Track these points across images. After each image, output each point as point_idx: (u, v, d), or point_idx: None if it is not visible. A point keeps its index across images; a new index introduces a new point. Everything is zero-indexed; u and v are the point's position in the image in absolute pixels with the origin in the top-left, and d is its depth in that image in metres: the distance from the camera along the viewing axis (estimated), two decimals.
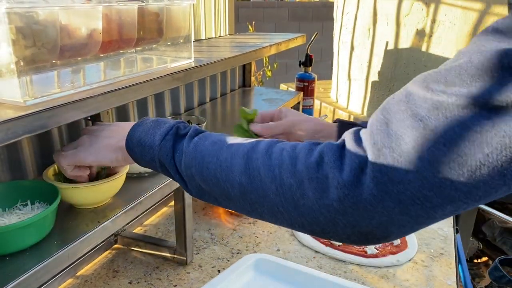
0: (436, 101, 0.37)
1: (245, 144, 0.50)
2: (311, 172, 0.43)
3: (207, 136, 0.54)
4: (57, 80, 0.65)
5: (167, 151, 0.54)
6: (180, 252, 0.97)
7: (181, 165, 0.53)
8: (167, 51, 0.91)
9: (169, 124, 0.56)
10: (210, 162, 0.50)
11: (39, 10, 0.55)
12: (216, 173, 0.49)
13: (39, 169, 0.84)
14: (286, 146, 0.47)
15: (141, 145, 0.56)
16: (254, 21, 4.08)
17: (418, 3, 1.78)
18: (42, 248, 0.63)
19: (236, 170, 0.48)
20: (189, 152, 0.52)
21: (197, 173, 0.51)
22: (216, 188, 0.50)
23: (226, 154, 0.50)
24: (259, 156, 0.47)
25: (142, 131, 0.56)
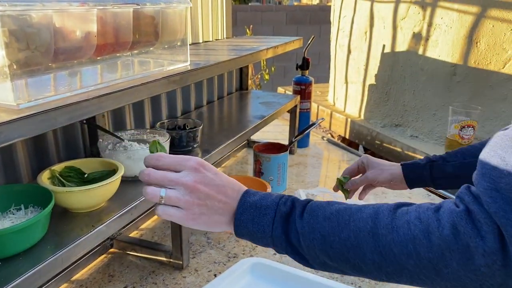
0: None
1: (363, 218, 0.50)
2: (450, 244, 0.44)
3: (316, 210, 0.53)
4: (51, 83, 0.65)
5: (280, 239, 0.54)
6: (176, 256, 0.97)
7: (301, 246, 0.53)
8: (163, 54, 0.91)
9: (270, 209, 0.54)
10: (333, 242, 0.50)
11: (32, 12, 0.55)
12: (343, 252, 0.50)
13: (33, 173, 0.84)
14: (410, 217, 0.48)
15: (250, 234, 0.55)
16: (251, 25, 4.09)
17: (414, 6, 1.78)
18: (35, 253, 0.62)
19: (365, 249, 0.49)
20: (306, 234, 0.52)
21: (321, 253, 0.52)
22: (345, 264, 0.51)
23: (347, 232, 0.50)
24: (385, 232, 0.48)
25: (248, 220, 0.55)
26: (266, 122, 1.35)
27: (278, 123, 2.14)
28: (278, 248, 0.55)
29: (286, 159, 1.35)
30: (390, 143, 1.91)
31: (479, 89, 1.64)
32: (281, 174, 1.35)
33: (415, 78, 1.83)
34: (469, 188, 0.46)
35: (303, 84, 1.68)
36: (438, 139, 1.79)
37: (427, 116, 1.81)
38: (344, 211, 0.52)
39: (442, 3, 1.68)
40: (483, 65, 1.60)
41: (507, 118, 1.61)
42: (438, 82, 1.74)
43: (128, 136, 0.94)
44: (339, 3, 2.36)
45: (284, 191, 1.38)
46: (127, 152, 0.84)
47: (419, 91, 1.82)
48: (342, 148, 1.81)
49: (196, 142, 1.03)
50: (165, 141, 0.90)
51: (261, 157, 1.33)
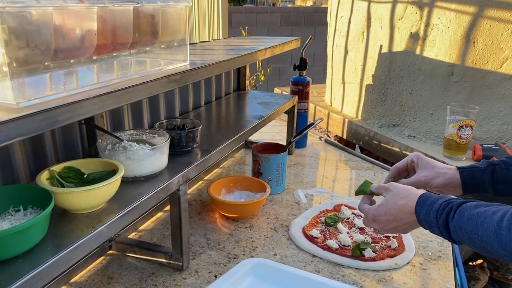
0: None
1: (492, 220, 0.64)
2: None
3: (463, 211, 0.70)
4: (50, 82, 0.64)
5: (443, 227, 0.72)
6: (176, 257, 0.96)
7: (456, 236, 0.70)
8: (162, 54, 0.90)
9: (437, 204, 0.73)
10: (474, 238, 0.67)
11: (32, 10, 0.54)
12: (481, 245, 0.66)
13: (32, 173, 0.82)
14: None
15: (426, 221, 0.75)
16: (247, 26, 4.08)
17: (411, 6, 1.79)
18: (35, 255, 0.61)
19: (494, 245, 0.64)
20: (456, 230, 0.69)
21: (470, 244, 0.68)
22: (488, 254, 0.67)
23: (482, 231, 0.65)
24: (505, 233, 0.62)
25: (425, 213, 0.75)
26: (265, 122, 1.34)
27: (275, 124, 2.13)
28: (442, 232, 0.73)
29: (284, 159, 1.35)
30: (387, 143, 1.91)
31: (476, 88, 1.64)
32: (280, 174, 1.34)
33: (412, 78, 1.83)
34: None
35: (300, 85, 1.68)
36: (436, 139, 1.79)
37: (425, 116, 1.82)
38: (482, 213, 0.67)
39: (439, 3, 1.68)
40: (480, 65, 1.61)
41: (504, 118, 1.61)
42: (436, 82, 1.74)
43: (127, 137, 0.93)
44: (336, 4, 2.36)
45: (283, 191, 1.37)
46: (126, 153, 0.83)
47: (416, 91, 1.83)
48: (340, 148, 1.81)
49: (195, 142, 1.03)
50: (165, 141, 0.89)
51: (260, 157, 1.33)
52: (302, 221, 1.16)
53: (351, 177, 1.52)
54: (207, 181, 1.48)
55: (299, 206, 1.28)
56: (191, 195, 1.35)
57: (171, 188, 0.87)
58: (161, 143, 0.88)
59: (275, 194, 1.35)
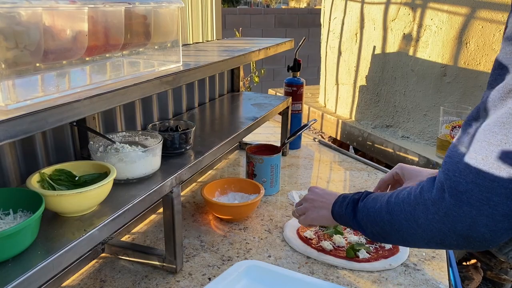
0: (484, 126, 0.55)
1: (387, 194, 0.71)
2: (418, 199, 0.62)
3: (368, 198, 0.77)
4: (41, 84, 0.63)
5: (350, 215, 0.80)
6: (169, 260, 0.95)
7: (359, 221, 0.77)
8: (154, 55, 0.89)
9: (349, 197, 0.83)
10: (371, 213, 0.73)
11: (21, 10, 0.53)
12: (375, 216, 0.72)
13: (22, 176, 0.81)
14: (412, 187, 0.66)
15: (338, 215, 0.85)
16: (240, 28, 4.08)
17: (404, 8, 1.79)
18: (25, 259, 0.60)
19: (383, 212, 0.70)
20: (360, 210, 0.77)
21: (369, 222, 0.74)
22: (376, 227, 0.72)
23: (378, 204, 0.72)
24: (392, 199, 0.68)
25: (337, 207, 0.85)
26: (259, 123, 1.34)
27: (269, 125, 2.13)
28: (349, 223, 0.81)
29: (279, 161, 1.34)
30: (381, 144, 1.91)
31: (469, 89, 1.65)
32: (274, 175, 1.34)
33: (405, 79, 1.83)
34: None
35: (294, 86, 1.68)
36: (429, 139, 1.80)
37: (418, 117, 1.82)
38: (387, 193, 0.72)
39: (432, 4, 1.69)
40: (472, 66, 1.61)
41: None
42: (429, 83, 1.75)
43: (119, 138, 0.92)
44: (329, 5, 2.36)
45: (277, 192, 1.37)
46: (119, 155, 0.82)
47: (409, 92, 1.83)
48: (334, 149, 1.81)
49: (188, 144, 1.02)
50: (157, 143, 0.88)
51: (254, 158, 1.32)
52: (296, 223, 1.15)
53: (345, 178, 1.52)
54: (201, 182, 1.47)
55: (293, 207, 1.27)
56: (185, 197, 1.34)
57: (164, 190, 0.86)
58: (154, 145, 0.87)
59: (269, 195, 1.35)
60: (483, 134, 0.53)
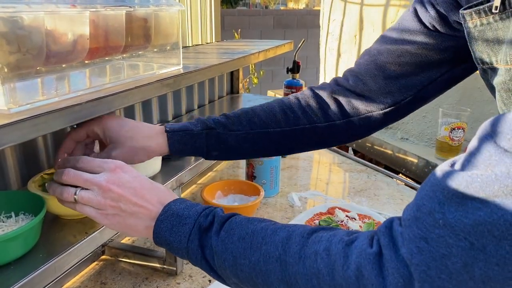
0: (478, 217, 0.34)
1: (275, 242, 0.48)
2: (349, 282, 0.41)
3: (234, 228, 0.51)
4: (42, 87, 0.63)
5: (195, 253, 0.52)
6: (169, 262, 0.95)
7: (215, 264, 0.51)
8: (154, 57, 0.90)
9: (190, 219, 0.53)
10: (243, 264, 0.49)
11: (23, 15, 0.54)
12: (252, 276, 0.48)
13: (24, 179, 0.82)
14: (319, 248, 0.45)
15: (168, 244, 0.54)
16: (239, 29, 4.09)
17: (403, 10, 1.80)
18: (27, 262, 0.60)
19: (273, 277, 0.47)
20: (219, 253, 0.50)
21: (232, 274, 0.50)
22: (249, 286, 0.50)
23: (257, 255, 0.48)
24: (292, 261, 0.46)
25: (166, 230, 0.53)
26: None
27: None
28: (193, 262, 0.53)
29: (278, 162, 1.35)
30: (380, 146, 1.91)
31: (467, 91, 1.66)
32: (273, 177, 1.34)
33: None
34: (391, 228, 0.41)
35: (294, 87, 1.68)
36: (428, 141, 1.80)
37: (417, 118, 1.83)
38: (260, 232, 0.50)
39: None
40: None
41: None
42: None
43: None
44: (328, 7, 2.37)
45: (277, 194, 1.37)
46: None
47: None
48: (333, 151, 1.81)
49: None
50: None
51: (254, 160, 1.33)
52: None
53: (345, 179, 1.53)
54: (201, 184, 1.47)
55: (293, 209, 1.28)
56: None
57: None
58: None
59: (269, 197, 1.35)
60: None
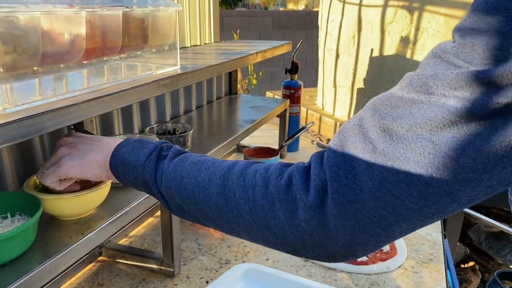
0: (383, 124, 0.39)
1: (222, 165, 0.52)
2: (281, 194, 0.45)
3: (187, 157, 0.55)
4: (38, 88, 0.63)
5: (150, 171, 0.55)
6: (167, 263, 0.95)
7: (162, 185, 0.54)
8: (152, 58, 0.90)
9: (152, 144, 0.57)
10: (188, 183, 0.52)
11: (19, 14, 0.53)
12: (194, 193, 0.51)
13: (20, 180, 0.81)
14: (259, 168, 0.49)
15: (125, 164, 0.57)
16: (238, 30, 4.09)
17: (401, 10, 1.80)
18: (23, 262, 0.60)
19: (212, 191, 0.50)
20: (169, 173, 0.54)
21: (176, 193, 0.53)
22: (195, 208, 0.52)
23: (204, 175, 0.51)
24: (234, 177, 0.49)
25: (126, 151, 0.57)
26: (256, 126, 1.34)
27: (267, 128, 2.13)
28: (146, 180, 0.55)
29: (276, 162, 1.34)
30: None
31: None
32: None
33: None
34: (323, 152, 0.46)
35: (292, 88, 1.68)
36: None
37: None
38: (211, 160, 0.54)
39: (429, 7, 1.70)
40: None
41: None
42: None
43: None
44: (327, 8, 2.37)
45: None
46: None
47: None
48: None
49: (186, 147, 1.02)
50: None
51: None
52: None
53: None
54: None
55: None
56: None
57: None
58: None
59: None
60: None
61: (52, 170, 0.60)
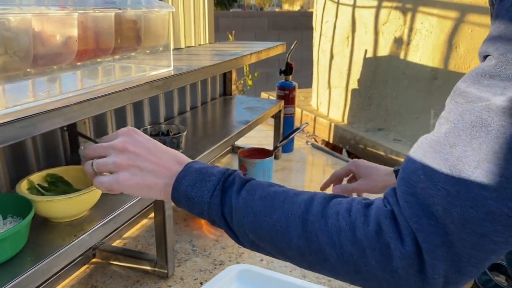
0: (449, 166, 0.39)
1: (297, 202, 0.49)
2: (372, 242, 0.43)
3: (255, 188, 0.53)
4: (31, 89, 0.63)
5: (216, 208, 0.52)
6: (161, 265, 0.95)
7: (232, 221, 0.52)
8: (145, 59, 0.90)
9: (214, 176, 0.53)
10: (263, 221, 0.50)
11: (10, 16, 0.53)
12: (271, 233, 0.49)
13: (12, 182, 0.81)
14: (340, 209, 0.47)
15: (188, 199, 0.54)
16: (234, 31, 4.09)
17: (395, 12, 1.81)
18: (15, 264, 0.60)
19: (292, 233, 0.48)
20: (239, 209, 0.51)
21: (250, 231, 0.51)
22: (272, 246, 0.50)
23: (279, 213, 0.49)
24: (314, 219, 0.47)
25: (188, 185, 0.53)
26: (251, 127, 1.34)
27: (262, 128, 2.13)
28: (213, 217, 0.53)
29: (271, 164, 1.35)
30: (373, 147, 1.92)
31: None
32: (266, 179, 1.34)
33: (397, 82, 1.85)
34: (394, 190, 0.45)
35: (286, 89, 1.69)
36: None
37: (410, 120, 1.84)
38: (281, 193, 0.51)
39: (422, 8, 1.71)
40: (462, 69, 1.63)
41: None
42: (420, 86, 1.77)
43: None
44: (321, 9, 2.38)
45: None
46: None
47: (401, 95, 1.85)
48: (326, 152, 1.81)
49: (180, 148, 1.02)
50: None
51: (246, 162, 1.32)
52: None
53: None
54: None
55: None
56: None
57: None
58: None
59: None
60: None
61: (109, 182, 0.55)
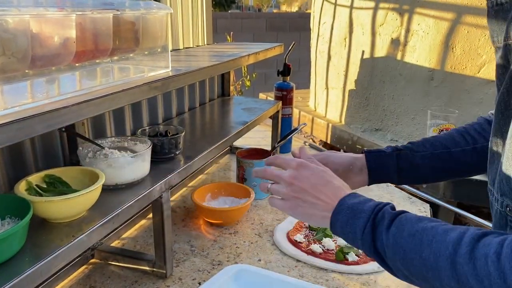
0: None
1: (445, 242, 0.51)
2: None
3: (403, 224, 0.55)
4: (28, 90, 0.63)
5: (368, 244, 0.57)
6: (159, 265, 0.95)
7: (386, 256, 0.56)
8: (143, 60, 0.90)
9: (365, 214, 0.58)
10: (413, 259, 0.53)
11: (8, 18, 0.54)
12: (422, 271, 0.52)
13: (10, 182, 0.81)
14: (489, 252, 0.47)
15: (343, 234, 0.61)
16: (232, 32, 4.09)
17: (392, 13, 1.82)
18: (13, 265, 0.60)
19: (443, 273, 0.50)
20: (390, 246, 0.55)
21: (403, 267, 0.54)
22: (425, 283, 0.54)
23: (427, 252, 0.52)
24: (463, 261, 0.48)
25: (342, 222, 0.60)
26: (249, 128, 1.35)
27: (260, 129, 2.14)
28: (366, 252, 0.59)
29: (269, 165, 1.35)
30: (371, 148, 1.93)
31: (455, 93, 1.68)
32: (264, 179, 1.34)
33: (394, 83, 1.86)
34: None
35: (284, 90, 1.69)
36: None
37: (406, 120, 1.84)
38: (430, 230, 0.53)
39: (419, 9, 1.72)
40: (459, 70, 1.64)
41: None
42: (417, 87, 1.77)
43: (108, 144, 0.92)
44: (318, 10, 2.38)
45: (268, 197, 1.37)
46: (107, 160, 0.82)
47: (398, 96, 1.85)
48: None
49: (178, 149, 1.02)
50: (146, 148, 0.88)
51: (244, 163, 1.33)
52: (286, 226, 1.16)
53: None
54: (192, 187, 1.47)
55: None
56: (175, 202, 1.34)
57: (153, 196, 0.86)
58: (143, 150, 0.87)
59: (259, 199, 1.35)
60: None
61: (281, 207, 0.69)
